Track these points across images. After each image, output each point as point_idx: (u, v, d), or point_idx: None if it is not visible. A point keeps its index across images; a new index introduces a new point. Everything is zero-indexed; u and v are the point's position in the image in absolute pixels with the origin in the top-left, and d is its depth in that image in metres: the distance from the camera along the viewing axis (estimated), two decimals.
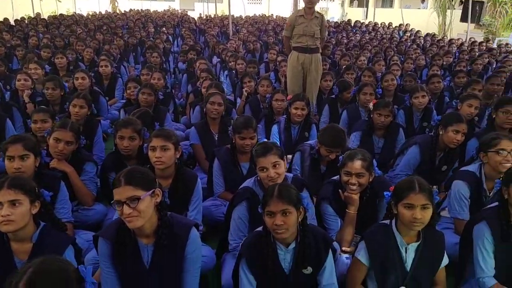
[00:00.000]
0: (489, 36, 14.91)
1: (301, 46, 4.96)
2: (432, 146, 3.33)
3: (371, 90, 4.47)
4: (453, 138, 3.19)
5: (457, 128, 3.18)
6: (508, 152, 2.60)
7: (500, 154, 2.61)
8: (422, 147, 3.37)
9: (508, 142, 2.63)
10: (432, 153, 3.35)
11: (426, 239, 2.12)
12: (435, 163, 3.36)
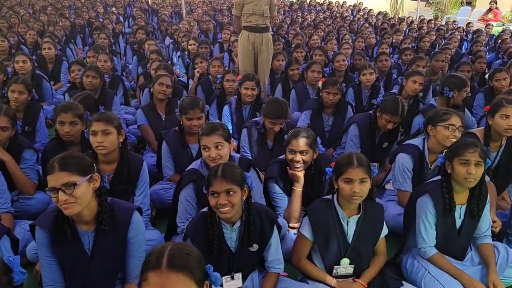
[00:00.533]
0: (438, 14, 15.38)
1: (251, 25, 4.92)
2: (371, 125, 3.40)
3: (319, 68, 4.53)
4: (384, 125, 3.29)
5: (389, 119, 3.24)
6: (456, 128, 2.71)
7: (449, 128, 2.72)
8: (360, 126, 3.45)
9: (457, 119, 2.74)
10: (371, 132, 3.42)
11: (366, 212, 2.20)
12: (375, 140, 3.44)
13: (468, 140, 2.30)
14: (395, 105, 3.20)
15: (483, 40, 8.04)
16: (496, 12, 11.80)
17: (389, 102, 3.25)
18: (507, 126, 2.90)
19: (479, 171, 2.20)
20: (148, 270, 1.31)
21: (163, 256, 1.31)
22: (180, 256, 1.33)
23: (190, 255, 1.36)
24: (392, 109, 3.20)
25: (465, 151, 2.20)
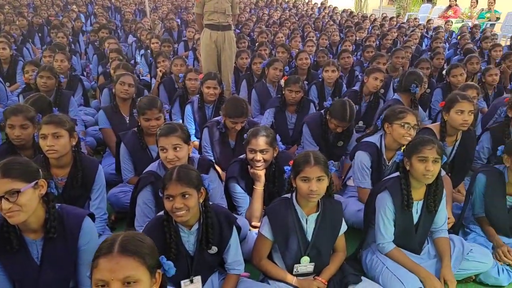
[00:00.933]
0: (401, 11, 15.74)
1: (213, 23, 4.86)
2: (322, 126, 3.40)
3: (280, 66, 4.53)
4: (334, 128, 3.31)
5: (337, 124, 3.25)
6: (411, 126, 2.75)
7: (404, 127, 2.75)
8: (311, 126, 3.46)
9: (413, 117, 2.77)
10: (323, 132, 3.41)
11: (325, 209, 2.21)
12: (329, 139, 3.45)
13: (426, 137, 2.33)
14: (342, 112, 3.19)
15: (443, 37, 8.27)
16: (456, 9, 12.17)
17: (337, 108, 3.23)
18: (463, 121, 2.98)
19: (436, 168, 2.25)
20: (99, 257, 1.32)
21: (115, 242, 1.33)
22: (132, 242, 1.35)
23: (142, 242, 1.38)
24: (339, 116, 3.21)
25: (423, 148, 2.24)
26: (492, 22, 11.20)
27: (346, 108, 3.19)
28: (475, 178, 2.65)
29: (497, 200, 2.59)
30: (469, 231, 2.73)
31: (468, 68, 5.38)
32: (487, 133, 3.36)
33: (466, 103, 2.96)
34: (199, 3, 4.85)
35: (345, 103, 3.22)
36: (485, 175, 2.61)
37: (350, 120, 3.24)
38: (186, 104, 4.03)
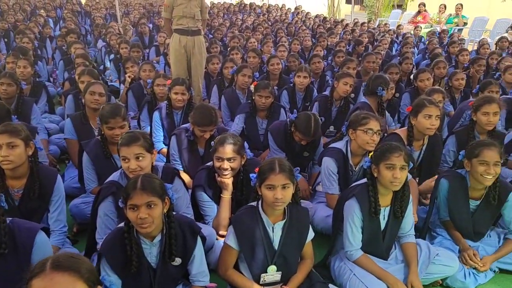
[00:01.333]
0: (372, 17, 16.00)
1: (182, 28, 4.79)
2: (286, 137, 3.36)
3: (249, 73, 4.49)
4: (299, 141, 3.28)
5: (301, 137, 3.22)
6: (374, 132, 2.75)
7: (367, 133, 2.75)
8: (274, 135, 3.43)
9: (376, 123, 2.77)
10: (287, 142, 3.37)
11: (292, 217, 2.17)
12: (295, 149, 3.41)
13: (394, 144, 2.33)
14: (306, 126, 3.17)
15: (412, 42, 8.43)
16: (425, 15, 12.45)
17: (301, 122, 3.20)
18: (430, 126, 3.01)
19: (403, 175, 2.25)
20: (32, 278, 1.26)
21: (47, 261, 1.29)
22: (66, 258, 1.32)
23: (77, 259, 1.35)
24: (303, 130, 3.19)
25: (391, 155, 2.24)
26: (459, 27, 11.53)
27: (310, 122, 3.16)
28: (438, 183, 2.67)
29: (460, 204, 2.61)
30: (436, 235, 2.75)
31: (435, 72, 5.49)
32: (453, 136, 3.41)
33: (433, 108, 3.00)
34: (168, 7, 4.78)
35: (310, 118, 3.19)
36: (448, 180, 2.63)
37: (314, 134, 3.21)
38: (154, 110, 3.94)
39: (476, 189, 2.59)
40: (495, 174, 2.43)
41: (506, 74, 5.18)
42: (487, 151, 2.45)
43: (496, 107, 3.20)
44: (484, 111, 3.23)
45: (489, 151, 2.44)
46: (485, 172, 2.44)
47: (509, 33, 9.98)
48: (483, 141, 2.57)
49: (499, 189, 2.54)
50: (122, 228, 1.95)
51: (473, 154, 2.49)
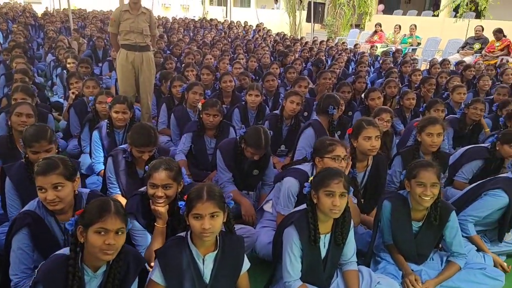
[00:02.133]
0: (332, 35, 16.33)
1: (130, 43, 4.63)
2: (236, 154, 3.23)
3: (200, 90, 4.36)
4: (251, 156, 3.15)
5: (253, 152, 3.11)
6: (342, 159, 2.66)
7: (335, 160, 2.64)
8: (224, 153, 3.30)
9: (342, 149, 2.68)
10: (237, 160, 3.25)
11: (224, 247, 2.04)
12: (244, 168, 3.30)
13: (333, 170, 2.25)
14: (257, 139, 3.06)
15: (367, 61, 8.58)
16: (381, 34, 12.82)
17: (251, 135, 3.10)
18: (370, 147, 2.97)
19: (343, 202, 2.16)
20: None
21: None
22: None
23: None
24: (254, 143, 3.08)
25: (330, 182, 2.15)
26: (413, 47, 11.91)
27: (260, 135, 3.07)
28: (381, 205, 2.61)
29: (402, 226, 2.56)
30: (380, 260, 2.68)
31: (387, 91, 5.56)
32: (398, 157, 3.39)
33: (372, 129, 2.97)
34: (114, 22, 4.61)
35: (259, 130, 3.10)
36: (390, 202, 2.57)
37: (265, 147, 3.12)
38: (94, 129, 3.73)
39: (417, 210, 2.54)
40: (433, 195, 2.39)
41: (454, 94, 5.31)
42: (424, 172, 2.41)
43: (439, 128, 3.21)
44: (428, 131, 3.23)
45: (426, 172, 2.41)
46: (422, 194, 2.40)
47: (460, 53, 10.40)
48: (421, 161, 2.53)
49: (440, 210, 2.51)
50: (64, 255, 1.81)
51: (411, 175, 2.46)
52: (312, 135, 3.71)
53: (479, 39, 10.16)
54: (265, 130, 3.14)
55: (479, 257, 2.73)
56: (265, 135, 3.10)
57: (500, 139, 3.30)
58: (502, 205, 2.79)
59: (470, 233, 2.83)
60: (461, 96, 5.21)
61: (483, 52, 9.75)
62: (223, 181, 3.29)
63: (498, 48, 9.49)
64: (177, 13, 25.58)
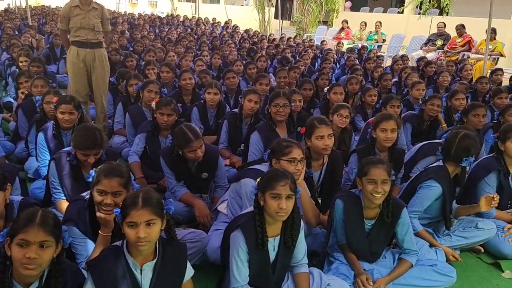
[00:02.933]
0: (300, 32, 16.36)
1: (80, 40, 4.43)
2: (175, 156, 3.09)
3: (156, 88, 4.22)
4: (191, 157, 3.04)
5: (189, 150, 3.00)
6: (298, 161, 2.58)
7: (291, 163, 2.56)
8: (165, 158, 3.17)
9: (299, 151, 2.60)
10: (180, 162, 3.11)
11: (165, 255, 1.93)
12: (190, 171, 3.18)
13: (279, 172, 2.16)
14: (184, 139, 2.96)
15: (332, 57, 8.59)
16: (348, 31, 12.91)
17: (177, 136, 3.00)
18: (324, 146, 2.92)
19: (290, 204, 2.08)
20: None
21: None
22: None
23: None
24: (185, 144, 2.97)
25: (276, 184, 2.07)
26: (379, 44, 12.05)
27: (187, 134, 2.97)
28: (334, 204, 2.56)
29: (355, 225, 2.51)
30: (333, 260, 2.63)
31: (348, 88, 5.56)
32: (355, 154, 3.36)
33: (324, 127, 2.92)
34: (63, 18, 4.39)
35: (184, 129, 3.00)
36: (342, 201, 2.53)
37: (196, 144, 2.99)
38: (39, 131, 3.53)
39: (370, 208, 2.50)
40: (384, 192, 2.36)
41: (413, 90, 5.35)
42: (374, 169, 2.38)
43: (393, 123, 3.20)
44: (382, 127, 3.21)
45: (376, 169, 2.37)
46: (373, 191, 2.36)
47: (423, 49, 10.57)
48: (371, 159, 2.49)
49: (392, 207, 2.48)
50: None
51: (362, 173, 2.42)
52: (258, 140, 3.62)
53: (441, 35, 10.35)
54: (191, 128, 3.04)
55: (432, 253, 2.73)
56: (191, 131, 3.00)
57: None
58: (437, 195, 2.80)
59: (417, 228, 2.83)
60: (420, 92, 5.25)
61: (445, 48, 9.93)
62: (173, 186, 3.18)
63: (459, 44, 9.68)
64: (145, 10, 25.10)
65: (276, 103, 3.61)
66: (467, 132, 2.85)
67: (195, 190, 3.27)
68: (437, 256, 2.72)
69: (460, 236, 2.91)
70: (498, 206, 3.09)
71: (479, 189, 3.06)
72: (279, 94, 3.69)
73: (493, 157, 3.08)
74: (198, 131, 3.05)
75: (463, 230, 2.94)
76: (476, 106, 3.81)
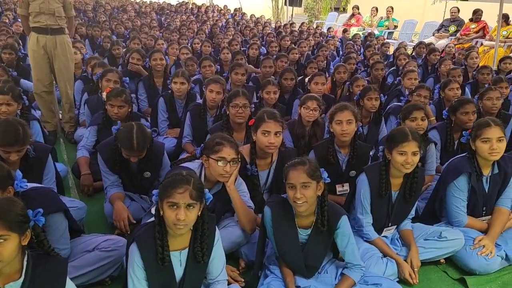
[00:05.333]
0: (312, 19, 15.85)
1: (40, 26, 4.18)
2: (114, 154, 2.82)
3: (115, 77, 3.96)
4: (128, 157, 2.76)
5: (127, 153, 2.72)
6: (228, 161, 2.33)
7: (218, 163, 2.33)
8: (103, 154, 2.89)
9: (230, 150, 2.36)
10: (118, 160, 2.83)
11: (34, 274, 1.66)
12: (131, 169, 2.90)
13: (178, 177, 1.83)
14: (127, 138, 2.66)
15: (333, 45, 8.15)
16: (358, 17, 12.32)
17: (122, 134, 2.72)
18: (268, 144, 2.60)
19: (191, 215, 1.80)
20: None
21: None
22: None
23: None
24: (125, 143, 2.69)
25: (173, 192, 1.78)
26: (390, 30, 11.45)
27: (132, 134, 2.66)
28: (263, 211, 2.24)
29: (286, 235, 2.20)
30: (269, 273, 2.32)
31: (336, 77, 5.20)
32: (312, 151, 3.02)
33: (272, 123, 2.60)
34: (22, 3, 4.16)
35: (132, 128, 2.69)
36: (270, 208, 2.20)
37: (139, 148, 2.69)
38: None
39: (302, 216, 2.18)
40: (305, 198, 2.03)
41: (404, 79, 4.94)
42: (293, 171, 2.07)
43: (349, 114, 2.84)
44: (337, 119, 2.87)
45: (294, 172, 2.05)
46: (294, 197, 2.05)
47: (436, 36, 9.95)
48: (294, 160, 2.15)
49: (328, 214, 2.15)
50: None
51: (284, 177, 2.10)
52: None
53: (454, 21, 9.71)
54: (140, 128, 2.74)
55: (380, 264, 2.37)
56: (139, 134, 2.69)
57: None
58: (366, 190, 2.49)
59: (371, 237, 2.50)
60: (411, 81, 4.82)
61: (458, 34, 9.30)
62: (107, 185, 2.91)
63: (473, 30, 9.05)
64: None
65: (235, 104, 3.24)
66: None
67: (135, 190, 3.01)
68: (386, 269, 2.36)
69: (421, 246, 2.54)
70: (472, 213, 2.72)
71: (448, 193, 2.68)
72: (238, 93, 3.30)
73: (464, 158, 2.68)
74: (146, 140, 2.74)
75: (425, 241, 2.57)
76: (464, 103, 3.38)
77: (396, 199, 2.55)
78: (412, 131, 2.44)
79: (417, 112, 3.14)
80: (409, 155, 2.36)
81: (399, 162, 2.39)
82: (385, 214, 2.56)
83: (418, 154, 2.39)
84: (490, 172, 2.66)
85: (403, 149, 2.36)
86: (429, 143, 3.25)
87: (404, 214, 2.63)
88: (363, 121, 3.97)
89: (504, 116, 3.89)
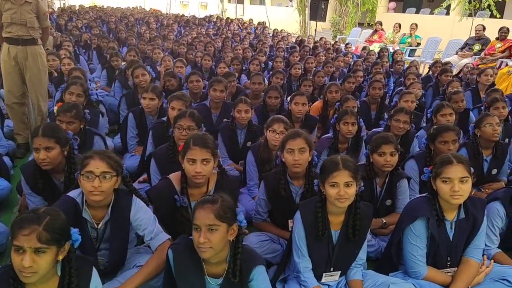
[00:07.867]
0: (337, 34, 15.46)
1: (11, 36, 4.10)
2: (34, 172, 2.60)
3: (78, 91, 3.77)
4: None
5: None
6: (96, 176, 2.04)
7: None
8: (25, 174, 2.66)
9: (199, 152, 2.25)
10: (42, 179, 2.61)
11: None
12: (57, 188, 2.64)
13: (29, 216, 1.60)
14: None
15: (342, 61, 7.74)
16: (381, 34, 11.85)
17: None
18: (195, 173, 2.29)
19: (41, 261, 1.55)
20: None
21: None
22: None
23: None
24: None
25: None
26: (412, 48, 10.91)
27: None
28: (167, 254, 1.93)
29: (192, 284, 1.87)
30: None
31: (327, 96, 4.86)
32: (262, 182, 2.68)
33: (198, 150, 2.29)
34: None
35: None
36: (173, 251, 1.89)
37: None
38: None
39: (212, 264, 1.86)
40: (210, 243, 1.72)
41: (401, 101, 4.52)
42: (199, 211, 1.76)
43: (301, 142, 2.52)
44: (288, 148, 2.55)
45: (201, 211, 1.75)
46: (197, 242, 1.74)
47: (459, 54, 9.35)
48: (203, 198, 1.82)
49: (241, 263, 1.83)
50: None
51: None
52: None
53: (479, 39, 9.08)
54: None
55: None
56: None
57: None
58: (300, 230, 2.19)
59: (309, 285, 2.16)
60: (408, 104, 4.39)
61: (482, 54, 8.68)
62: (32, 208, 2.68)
63: (499, 49, 8.40)
64: (195, 11, 25.24)
65: (179, 125, 3.03)
66: None
67: None
68: None
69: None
70: (434, 264, 2.30)
71: (404, 238, 2.28)
72: (184, 114, 3.07)
73: (425, 198, 2.27)
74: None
75: None
76: (442, 130, 2.95)
77: (337, 240, 2.19)
78: (345, 159, 2.09)
79: (386, 146, 2.72)
80: (341, 186, 2.02)
81: (332, 196, 2.04)
82: (325, 258, 2.20)
83: (353, 185, 2.04)
84: (455, 216, 2.25)
85: (334, 180, 2.03)
86: (400, 179, 2.85)
87: (349, 258, 2.25)
88: (341, 148, 3.60)
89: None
